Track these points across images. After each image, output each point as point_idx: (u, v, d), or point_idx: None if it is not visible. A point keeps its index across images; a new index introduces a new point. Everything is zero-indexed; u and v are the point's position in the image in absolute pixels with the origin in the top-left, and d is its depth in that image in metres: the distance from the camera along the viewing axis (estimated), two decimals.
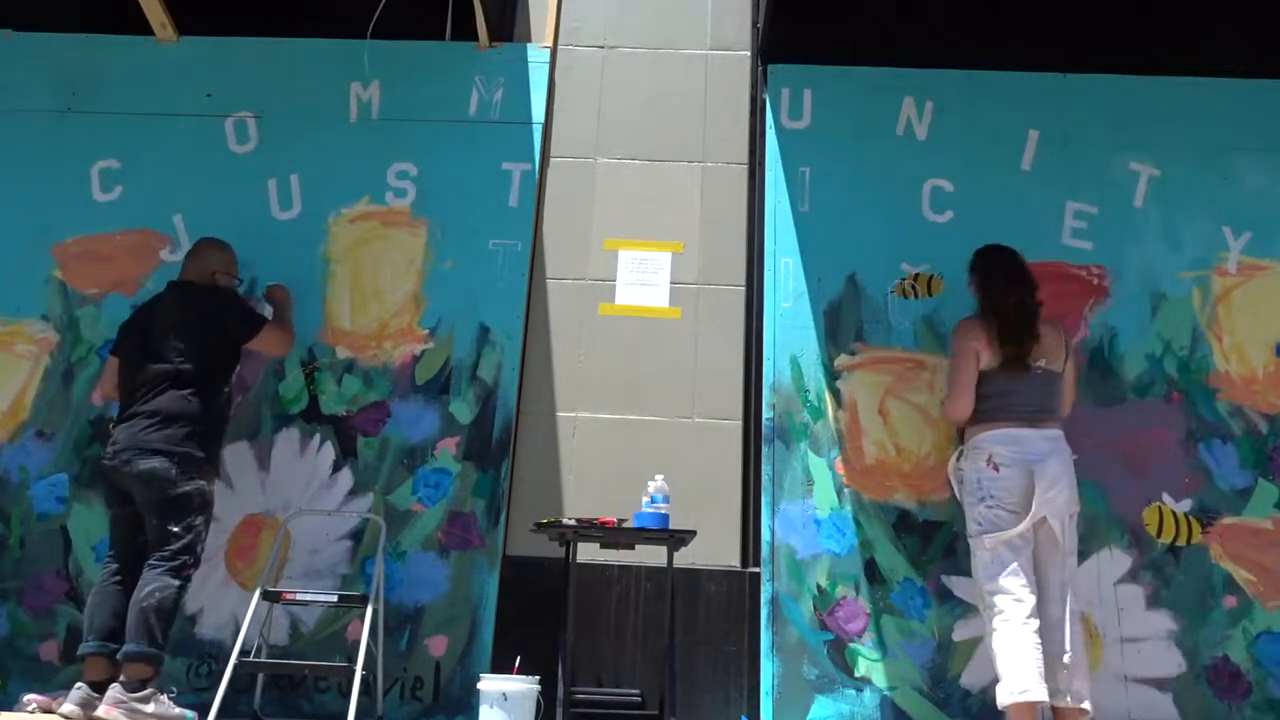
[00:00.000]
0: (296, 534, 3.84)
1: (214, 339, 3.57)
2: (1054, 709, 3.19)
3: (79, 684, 3.21)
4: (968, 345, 3.46)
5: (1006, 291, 3.45)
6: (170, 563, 3.29)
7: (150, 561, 3.30)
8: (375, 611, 3.45)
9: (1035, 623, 3.15)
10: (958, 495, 3.49)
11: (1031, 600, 3.18)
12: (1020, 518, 3.24)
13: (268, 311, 3.91)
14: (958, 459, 3.50)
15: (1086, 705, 3.14)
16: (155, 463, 3.31)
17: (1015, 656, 3.11)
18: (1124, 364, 3.94)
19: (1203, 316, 4.00)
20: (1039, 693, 3.06)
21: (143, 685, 3.14)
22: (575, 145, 4.47)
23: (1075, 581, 3.30)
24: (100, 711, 3.07)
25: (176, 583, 3.28)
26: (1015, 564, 3.22)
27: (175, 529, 3.31)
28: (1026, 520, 3.22)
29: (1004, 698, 3.11)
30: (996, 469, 3.30)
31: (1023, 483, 3.26)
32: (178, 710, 3.21)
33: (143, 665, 3.16)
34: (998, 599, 3.21)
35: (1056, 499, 3.25)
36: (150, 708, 3.13)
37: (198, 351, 3.50)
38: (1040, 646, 3.12)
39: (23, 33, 4.59)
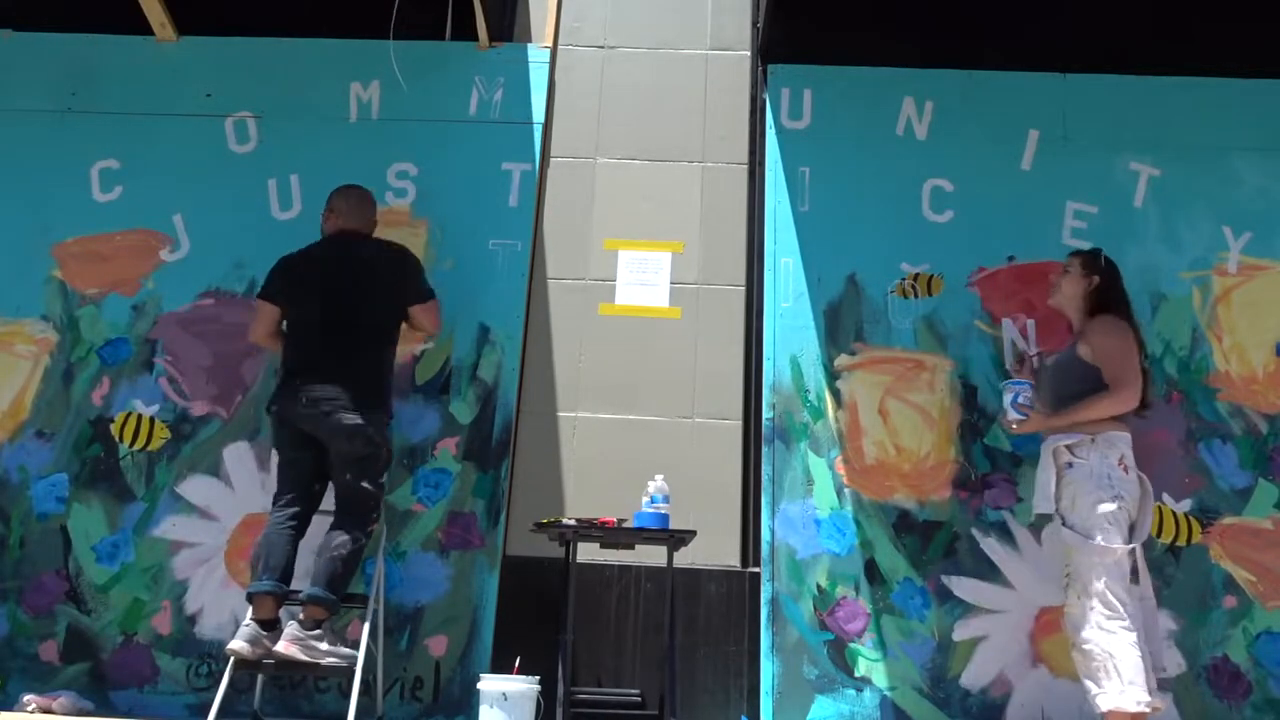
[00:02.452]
0: None
1: (393, 297, 3.64)
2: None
3: (248, 621, 3.28)
4: (1133, 340, 3.41)
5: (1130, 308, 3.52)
6: (364, 519, 3.42)
7: (342, 514, 3.42)
8: (375, 611, 3.46)
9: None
10: (1050, 481, 3.30)
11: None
12: (1131, 527, 3.23)
13: None
14: (1071, 445, 3.30)
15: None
16: (358, 419, 3.38)
17: (1139, 666, 3.03)
18: None
19: (1203, 316, 4.00)
20: (1160, 702, 3.05)
21: (317, 626, 3.28)
22: (575, 145, 4.47)
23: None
24: (280, 647, 3.21)
25: (365, 539, 3.42)
26: (1128, 571, 3.18)
27: (369, 486, 3.43)
28: (1144, 530, 3.22)
29: (1125, 703, 3.01)
30: (1127, 470, 3.24)
31: (1139, 491, 3.26)
32: (346, 649, 3.31)
33: (323, 609, 3.30)
34: (1120, 604, 3.11)
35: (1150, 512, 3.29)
36: (324, 645, 3.27)
37: (379, 306, 3.59)
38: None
39: (23, 33, 4.59)
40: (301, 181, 4.29)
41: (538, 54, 4.53)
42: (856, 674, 3.64)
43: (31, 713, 3.43)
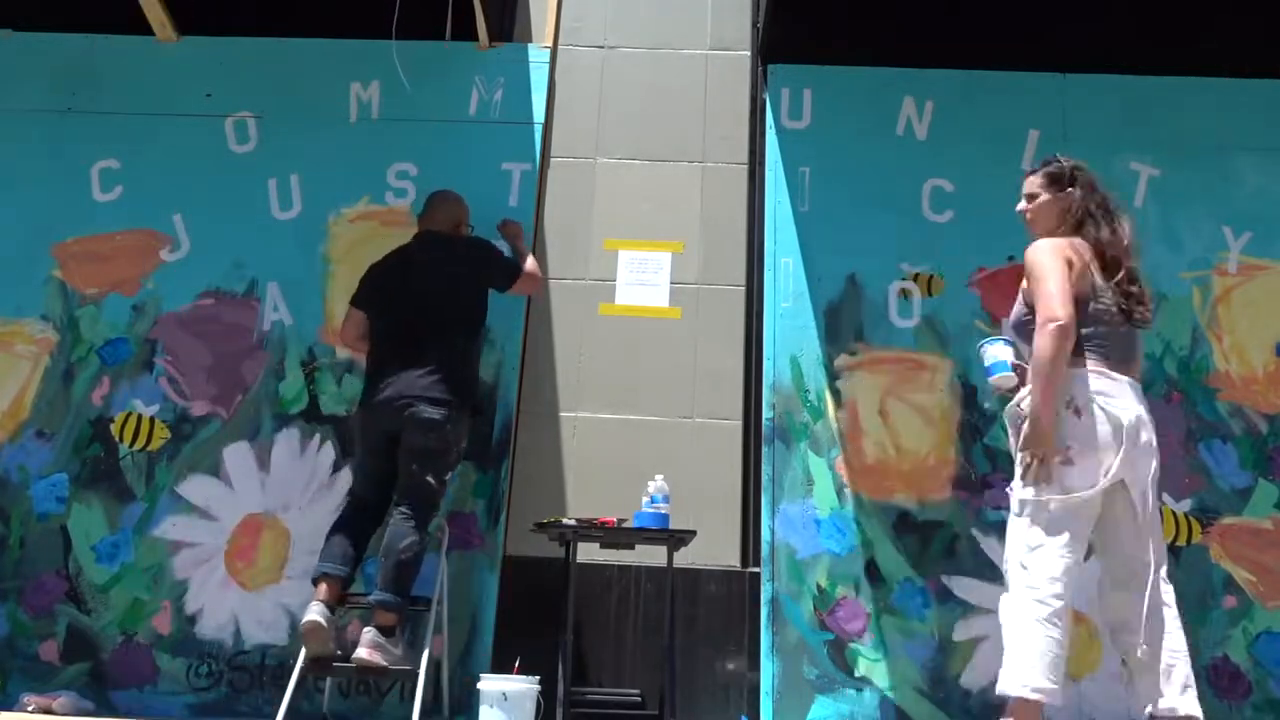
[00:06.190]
0: (296, 534, 3.84)
1: (476, 290, 3.72)
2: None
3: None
4: (1059, 257, 2.76)
5: (1099, 218, 2.90)
6: (426, 516, 3.44)
7: (406, 508, 3.42)
8: (439, 613, 3.49)
9: (1070, 613, 2.60)
10: (1011, 443, 2.84)
11: (1071, 583, 2.61)
12: (1092, 479, 2.62)
13: (505, 248, 3.95)
14: (1018, 402, 2.83)
15: (1195, 712, 2.61)
16: (435, 414, 3.42)
17: (1035, 644, 2.54)
18: None
19: (1203, 316, 4.00)
20: (1052, 695, 2.54)
21: (391, 631, 3.31)
22: (575, 145, 4.47)
23: (1164, 566, 2.71)
24: (362, 653, 3.22)
25: (426, 538, 3.44)
26: (1070, 533, 2.60)
27: (433, 482, 3.45)
28: (1104, 481, 2.60)
29: (1010, 687, 2.56)
30: (1079, 414, 2.65)
31: (1107, 437, 2.64)
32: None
33: (393, 614, 3.33)
34: (1036, 569, 2.59)
35: (1139, 461, 2.65)
36: (399, 650, 3.33)
37: (461, 302, 3.66)
38: (1064, 640, 2.57)
39: (23, 33, 4.59)
40: (301, 181, 4.29)
41: (538, 54, 4.52)
42: (856, 674, 3.64)
43: (31, 713, 3.43)
